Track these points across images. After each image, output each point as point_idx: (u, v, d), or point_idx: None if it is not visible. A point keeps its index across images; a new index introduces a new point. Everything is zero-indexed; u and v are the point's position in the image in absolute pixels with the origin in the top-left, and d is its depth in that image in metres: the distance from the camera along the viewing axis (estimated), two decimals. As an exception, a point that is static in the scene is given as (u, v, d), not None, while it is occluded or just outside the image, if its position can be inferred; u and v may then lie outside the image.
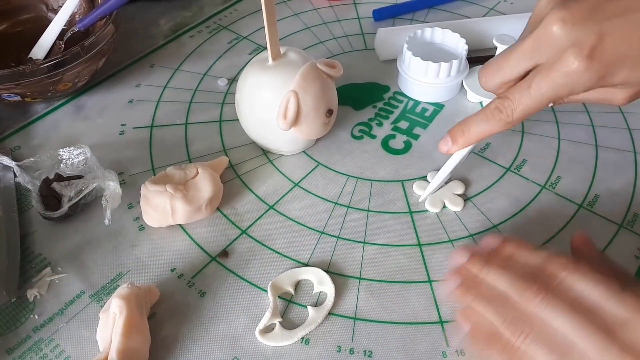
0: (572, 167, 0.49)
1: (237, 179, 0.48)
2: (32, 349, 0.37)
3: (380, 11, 0.65)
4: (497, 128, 0.38)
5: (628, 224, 0.44)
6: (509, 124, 0.37)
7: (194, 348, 0.38)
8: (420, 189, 0.47)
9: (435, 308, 0.40)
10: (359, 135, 0.52)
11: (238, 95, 0.48)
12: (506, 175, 0.48)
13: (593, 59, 0.32)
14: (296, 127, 0.45)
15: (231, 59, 0.61)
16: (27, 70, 0.48)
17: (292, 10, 0.67)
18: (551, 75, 0.34)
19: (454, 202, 0.46)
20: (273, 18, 0.43)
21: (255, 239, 0.44)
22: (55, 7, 0.60)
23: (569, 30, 0.32)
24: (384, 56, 0.59)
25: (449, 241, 0.44)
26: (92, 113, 0.54)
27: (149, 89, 0.57)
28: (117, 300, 0.35)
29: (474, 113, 0.39)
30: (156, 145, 0.51)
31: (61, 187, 0.44)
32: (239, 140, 0.51)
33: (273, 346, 0.38)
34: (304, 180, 0.48)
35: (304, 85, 0.44)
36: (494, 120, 0.38)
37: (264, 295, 0.40)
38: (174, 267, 0.42)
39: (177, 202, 0.42)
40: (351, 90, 0.57)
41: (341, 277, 0.41)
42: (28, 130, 0.53)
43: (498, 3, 0.68)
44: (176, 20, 0.67)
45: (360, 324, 0.39)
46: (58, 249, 0.43)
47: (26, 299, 0.40)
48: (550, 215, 0.45)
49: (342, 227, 0.45)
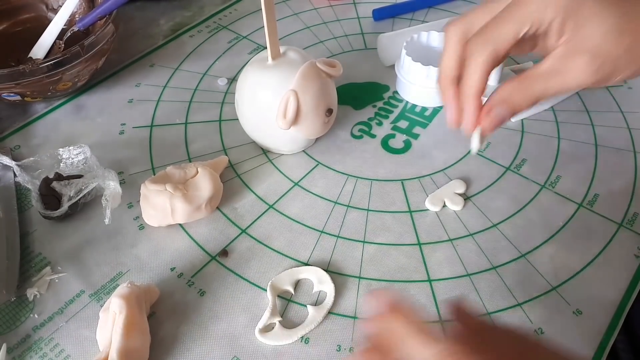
0: (572, 166, 0.49)
1: (236, 178, 0.48)
2: (32, 348, 0.37)
3: (380, 11, 0.65)
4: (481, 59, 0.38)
5: (628, 223, 0.44)
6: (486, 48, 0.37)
7: (193, 347, 0.38)
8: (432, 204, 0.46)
9: (435, 307, 0.40)
10: (359, 134, 0.52)
11: (238, 95, 0.48)
12: (506, 174, 0.48)
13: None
14: (296, 127, 0.45)
15: (231, 58, 0.61)
16: (27, 70, 0.48)
17: (292, 10, 0.67)
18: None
19: (454, 201, 0.46)
20: (273, 18, 0.43)
21: (255, 239, 0.44)
22: (55, 7, 0.60)
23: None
24: (389, 62, 0.59)
25: (448, 240, 0.44)
26: (92, 113, 0.54)
27: (149, 89, 0.57)
28: (117, 300, 0.35)
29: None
30: (156, 144, 0.51)
31: (61, 187, 0.44)
32: (238, 140, 0.51)
33: (273, 345, 0.38)
34: (304, 180, 0.48)
35: (303, 85, 0.44)
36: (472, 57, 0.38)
37: (263, 294, 0.40)
38: (174, 266, 0.42)
39: (177, 201, 0.42)
40: (351, 89, 0.57)
41: (341, 276, 0.41)
42: (28, 129, 0.53)
43: (498, 3, 0.68)
44: (176, 20, 0.67)
45: (360, 323, 0.39)
46: (58, 248, 0.43)
47: (26, 298, 0.40)
48: (550, 214, 0.45)
49: (341, 226, 0.45)
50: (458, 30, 0.39)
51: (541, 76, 0.37)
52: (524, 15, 0.36)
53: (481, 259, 0.42)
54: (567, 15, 0.35)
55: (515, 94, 0.37)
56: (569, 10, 0.35)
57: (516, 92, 0.37)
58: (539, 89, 0.37)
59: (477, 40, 0.37)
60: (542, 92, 0.37)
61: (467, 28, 0.39)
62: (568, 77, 0.36)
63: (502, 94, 0.38)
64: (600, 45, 0.35)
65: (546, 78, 0.37)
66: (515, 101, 0.37)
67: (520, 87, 0.37)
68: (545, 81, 0.37)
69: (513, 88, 0.37)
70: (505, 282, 0.41)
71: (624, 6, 0.35)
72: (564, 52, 0.36)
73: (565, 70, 0.36)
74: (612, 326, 0.38)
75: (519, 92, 0.37)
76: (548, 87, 0.37)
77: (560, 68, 0.36)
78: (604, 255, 0.42)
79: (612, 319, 0.39)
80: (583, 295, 0.40)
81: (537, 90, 0.37)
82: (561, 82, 0.36)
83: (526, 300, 0.40)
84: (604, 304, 0.40)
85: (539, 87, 0.37)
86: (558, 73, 0.36)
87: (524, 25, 0.36)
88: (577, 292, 0.40)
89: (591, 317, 0.39)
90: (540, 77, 0.37)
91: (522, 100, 0.37)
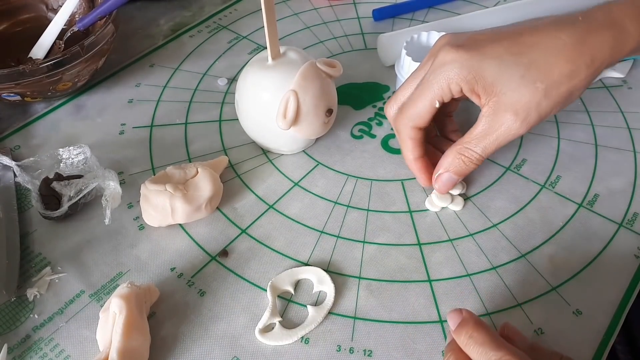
0: (572, 166, 0.49)
1: (236, 178, 0.48)
2: (32, 349, 0.37)
3: (380, 11, 0.65)
4: (405, 136, 0.43)
5: (628, 223, 0.44)
6: (407, 125, 0.42)
7: (193, 347, 0.38)
8: (432, 205, 0.46)
9: (435, 307, 0.40)
10: (359, 134, 0.52)
11: (238, 95, 0.48)
12: (506, 174, 0.48)
13: (460, 48, 0.38)
14: (296, 127, 0.45)
15: (231, 58, 0.61)
16: (27, 70, 0.48)
17: (292, 10, 0.67)
18: (427, 75, 0.40)
19: (454, 201, 0.46)
20: (273, 18, 0.43)
21: (255, 239, 0.44)
22: (55, 7, 0.60)
23: (452, 50, 0.38)
24: (389, 62, 0.59)
25: (448, 240, 0.44)
26: (92, 113, 0.54)
27: (149, 89, 0.57)
28: (116, 300, 0.35)
29: None
30: (156, 144, 0.51)
31: (61, 187, 0.44)
32: (238, 140, 0.51)
33: (273, 345, 0.38)
34: (304, 180, 0.48)
35: (303, 85, 0.44)
36: (397, 135, 0.44)
37: (263, 294, 0.40)
38: (174, 266, 0.42)
39: (177, 201, 0.42)
40: (351, 89, 0.57)
41: (341, 276, 0.41)
42: (28, 129, 0.53)
43: (497, 3, 0.68)
44: (176, 20, 0.67)
45: (360, 323, 0.39)
46: (58, 248, 0.43)
47: (26, 298, 0.40)
48: (550, 214, 0.45)
49: (341, 226, 0.45)
50: (392, 110, 0.44)
51: (476, 139, 0.40)
52: (431, 92, 0.40)
53: (481, 259, 0.42)
54: (471, 83, 0.38)
55: (456, 162, 0.41)
56: (470, 79, 0.38)
57: (457, 161, 0.41)
58: (479, 151, 0.40)
59: (398, 119, 0.43)
60: (482, 152, 0.40)
61: (399, 105, 0.43)
62: (501, 134, 0.39)
63: (444, 163, 0.42)
64: (518, 99, 0.37)
65: (481, 139, 0.40)
66: (458, 169, 0.42)
67: (461, 155, 0.41)
68: (481, 142, 0.40)
69: (454, 157, 0.42)
70: (505, 282, 0.41)
71: (523, 56, 0.37)
72: (490, 111, 0.39)
73: (496, 128, 0.39)
74: (612, 326, 0.38)
75: (460, 161, 0.41)
76: (486, 147, 0.40)
77: (491, 128, 0.39)
78: (604, 255, 0.42)
79: (612, 319, 0.39)
80: (583, 295, 0.40)
81: (476, 153, 0.41)
82: (495, 139, 0.39)
83: (526, 300, 0.40)
84: (604, 304, 0.40)
85: (478, 150, 0.40)
86: (490, 132, 0.39)
87: (433, 101, 0.40)
88: (577, 292, 0.40)
89: (591, 317, 0.39)
90: (475, 140, 0.40)
91: (465, 168, 0.42)
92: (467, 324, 0.32)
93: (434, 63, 0.39)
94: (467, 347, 0.31)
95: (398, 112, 0.42)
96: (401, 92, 0.43)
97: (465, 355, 0.32)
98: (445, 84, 0.39)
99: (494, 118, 0.38)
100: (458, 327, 0.32)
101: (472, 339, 0.31)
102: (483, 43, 0.38)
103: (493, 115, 0.38)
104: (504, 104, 0.38)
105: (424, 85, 0.40)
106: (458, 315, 0.33)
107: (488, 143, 0.40)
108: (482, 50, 0.37)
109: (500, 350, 0.30)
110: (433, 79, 0.39)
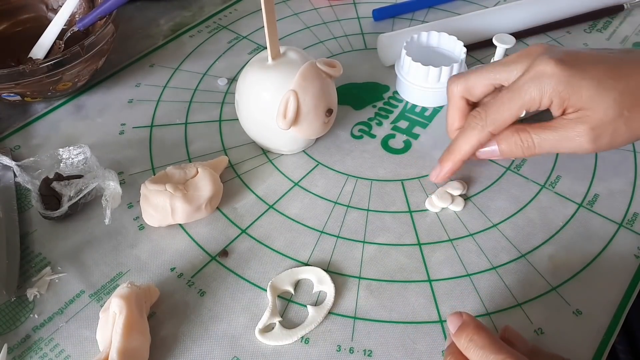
0: (572, 166, 0.49)
1: (236, 178, 0.48)
2: (32, 349, 0.37)
3: (380, 11, 0.65)
4: (475, 136, 0.41)
5: (628, 223, 0.44)
6: (484, 128, 0.40)
7: (193, 347, 0.38)
8: (432, 205, 0.46)
9: (435, 307, 0.40)
10: (359, 134, 0.52)
11: (238, 95, 0.48)
12: (506, 174, 0.48)
13: (561, 63, 0.37)
14: (296, 127, 0.45)
15: (231, 58, 0.61)
16: (27, 70, 0.48)
17: (292, 10, 0.67)
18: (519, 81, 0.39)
19: (454, 202, 0.46)
20: (273, 18, 0.43)
21: (255, 239, 0.44)
22: (55, 7, 0.60)
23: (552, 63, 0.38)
24: (389, 62, 0.59)
25: (448, 240, 0.44)
26: (92, 113, 0.54)
27: (149, 89, 0.57)
28: (116, 300, 0.35)
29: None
30: (156, 144, 0.51)
31: (61, 187, 0.44)
32: (238, 140, 0.51)
33: (273, 345, 0.38)
34: (304, 180, 0.48)
35: (303, 85, 0.44)
36: (469, 129, 0.41)
37: (263, 294, 0.40)
38: (174, 266, 0.42)
39: (177, 201, 0.42)
40: (351, 89, 0.57)
41: (341, 276, 0.41)
42: (28, 129, 0.53)
43: (497, 3, 0.68)
44: (176, 20, 0.67)
45: (360, 323, 0.39)
46: (58, 248, 0.43)
47: (26, 298, 0.40)
48: (550, 214, 0.45)
49: (341, 226, 0.45)
50: (460, 86, 0.43)
51: (540, 129, 0.40)
52: (523, 101, 0.39)
53: (481, 259, 0.42)
54: (564, 99, 0.38)
55: (509, 137, 0.41)
56: (564, 95, 0.38)
57: (510, 137, 0.41)
58: (535, 139, 0.40)
59: (479, 117, 0.41)
60: (538, 142, 0.40)
61: (467, 88, 0.43)
62: (565, 137, 0.39)
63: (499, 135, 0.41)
64: (601, 118, 0.38)
65: (543, 131, 0.39)
66: (506, 146, 0.41)
67: (516, 134, 0.40)
68: (541, 134, 0.39)
69: (511, 132, 0.41)
70: (505, 282, 0.41)
71: (621, 81, 0.37)
72: (570, 117, 0.39)
73: (565, 131, 0.39)
74: (612, 326, 0.38)
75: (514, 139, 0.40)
76: (543, 140, 0.39)
77: (560, 128, 0.39)
78: (604, 255, 0.42)
79: (612, 319, 0.39)
80: (583, 295, 0.40)
81: (531, 139, 0.40)
82: (557, 140, 0.39)
83: (526, 300, 0.40)
84: (604, 304, 0.40)
85: (536, 138, 0.40)
86: (557, 131, 0.39)
87: (521, 111, 0.39)
88: (577, 292, 0.40)
89: (591, 317, 0.39)
90: (539, 130, 0.40)
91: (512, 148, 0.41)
92: (467, 327, 0.32)
93: (529, 71, 0.38)
94: (467, 350, 0.32)
95: (479, 111, 0.41)
96: (474, 76, 0.42)
97: (465, 358, 0.32)
98: (537, 95, 0.38)
99: (569, 123, 0.38)
100: (458, 330, 0.32)
101: (472, 342, 0.31)
102: (584, 62, 0.38)
103: (570, 122, 0.38)
104: (587, 118, 0.38)
105: (514, 92, 0.39)
106: (458, 319, 0.33)
107: (547, 138, 0.39)
108: (584, 68, 0.37)
109: (501, 353, 0.30)
110: (527, 88, 0.38)
